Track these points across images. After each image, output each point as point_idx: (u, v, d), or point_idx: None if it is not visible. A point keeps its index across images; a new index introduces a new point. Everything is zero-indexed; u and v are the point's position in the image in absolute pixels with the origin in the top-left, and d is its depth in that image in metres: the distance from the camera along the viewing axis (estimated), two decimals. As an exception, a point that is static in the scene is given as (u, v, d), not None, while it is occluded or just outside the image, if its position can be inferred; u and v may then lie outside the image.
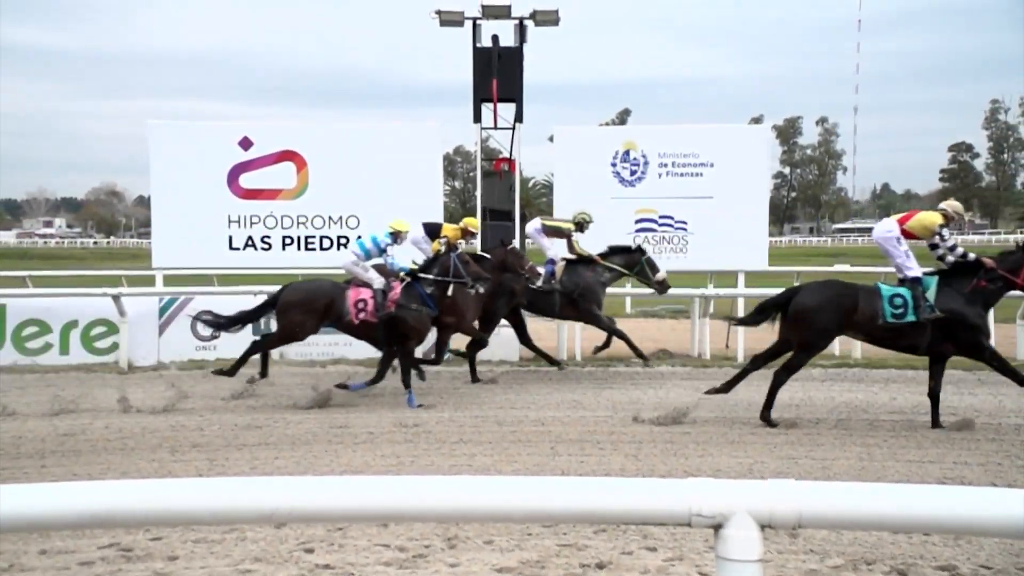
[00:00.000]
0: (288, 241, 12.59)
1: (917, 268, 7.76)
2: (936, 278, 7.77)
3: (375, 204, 12.08)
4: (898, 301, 7.63)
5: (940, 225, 7.84)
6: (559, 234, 10.72)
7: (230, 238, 12.53)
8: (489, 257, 9.70)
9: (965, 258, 7.82)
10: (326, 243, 12.58)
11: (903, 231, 7.90)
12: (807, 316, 7.75)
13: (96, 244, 70.52)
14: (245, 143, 12.54)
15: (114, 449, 6.96)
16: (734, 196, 12.66)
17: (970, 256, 7.86)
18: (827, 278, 9.01)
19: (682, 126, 13.97)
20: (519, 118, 13.08)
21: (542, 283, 10.06)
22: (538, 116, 78.00)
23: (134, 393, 8.91)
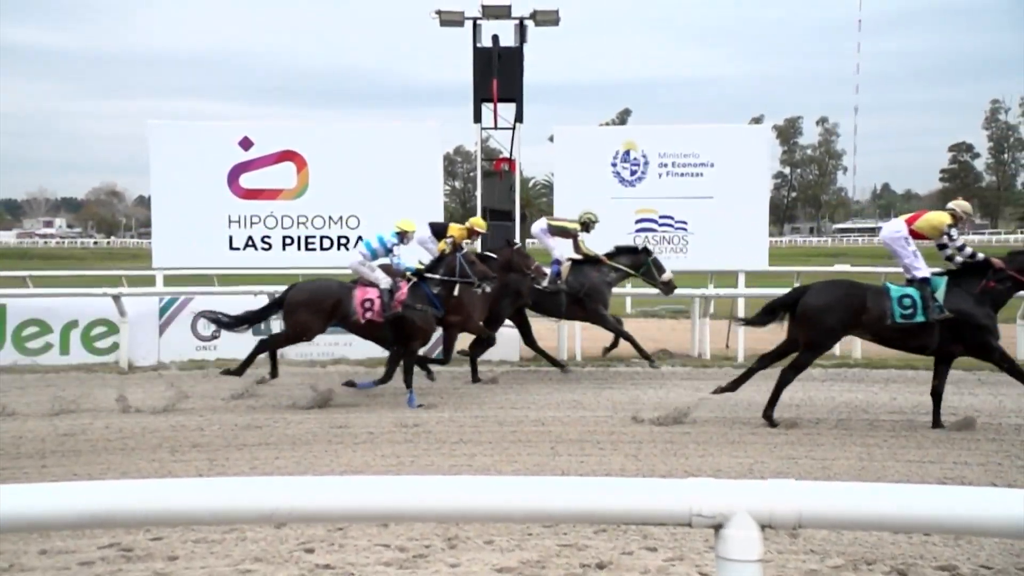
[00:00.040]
0: (288, 241, 12.58)
1: (925, 268, 7.74)
2: (945, 278, 7.74)
3: (375, 204, 12.08)
4: (907, 302, 7.61)
5: (949, 225, 7.82)
6: (565, 234, 10.69)
7: (230, 238, 12.52)
8: (495, 257, 9.69)
9: (974, 258, 7.79)
10: (326, 243, 12.57)
11: (911, 231, 7.89)
12: (815, 316, 7.74)
13: (96, 244, 70.53)
14: (245, 143, 12.53)
15: (114, 449, 6.97)
16: (734, 196, 12.64)
17: (979, 256, 7.83)
18: (834, 278, 8.97)
19: (682, 126, 13.96)
20: (519, 118, 13.10)
21: (548, 283, 10.04)
22: (538, 116, 77.98)
23: (134, 393, 8.91)
